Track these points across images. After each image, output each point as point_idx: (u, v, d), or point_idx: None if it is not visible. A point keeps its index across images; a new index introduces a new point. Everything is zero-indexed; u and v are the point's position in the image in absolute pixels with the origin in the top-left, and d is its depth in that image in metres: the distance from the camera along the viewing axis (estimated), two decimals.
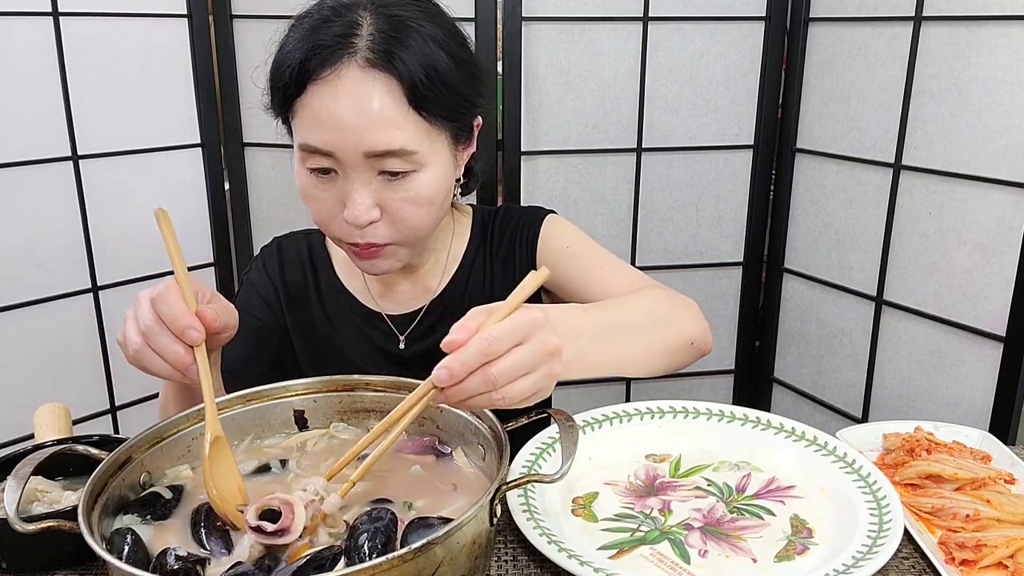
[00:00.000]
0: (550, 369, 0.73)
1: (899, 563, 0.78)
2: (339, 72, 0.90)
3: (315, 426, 0.86)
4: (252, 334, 1.10)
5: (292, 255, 1.17)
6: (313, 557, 0.63)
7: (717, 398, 2.05)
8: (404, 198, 0.95)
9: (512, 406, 0.73)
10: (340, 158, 0.92)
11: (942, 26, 1.56)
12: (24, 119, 1.59)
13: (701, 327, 1.04)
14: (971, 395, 1.62)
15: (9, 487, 0.66)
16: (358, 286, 1.15)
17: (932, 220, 1.63)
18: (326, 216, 0.98)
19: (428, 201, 0.97)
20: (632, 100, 1.85)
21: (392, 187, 0.94)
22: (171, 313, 0.76)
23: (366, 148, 0.91)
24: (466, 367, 0.69)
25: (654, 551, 0.77)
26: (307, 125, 0.93)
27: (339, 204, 0.96)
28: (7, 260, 1.61)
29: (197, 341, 0.77)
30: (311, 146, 0.93)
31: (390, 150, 0.91)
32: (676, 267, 1.98)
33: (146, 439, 0.77)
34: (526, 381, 0.71)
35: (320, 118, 0.91)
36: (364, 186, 0.94)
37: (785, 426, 0.95)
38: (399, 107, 0.91)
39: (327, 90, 0.90)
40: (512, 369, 0.70)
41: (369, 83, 0.90)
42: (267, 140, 1.84)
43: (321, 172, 0.95)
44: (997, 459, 0.93)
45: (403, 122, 0.91)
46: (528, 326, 0.71)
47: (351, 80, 0.90)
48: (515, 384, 0.71)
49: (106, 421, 1.80)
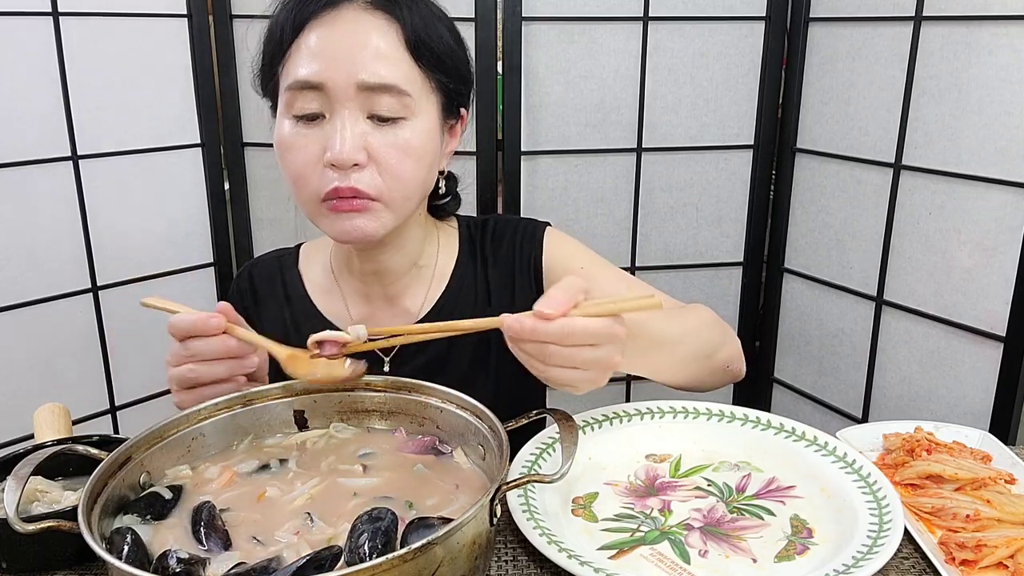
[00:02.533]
0: (593, 378, 0.78)
1: (899, 563, 0.78)
2: (339, 11, 0.91)
3: (315, 426, 0.86)
4: None
5: (265, 288, 1.13)
6: (313, 557, 0.63)
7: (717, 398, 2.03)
8: (393, 143, 0.91)
9: (547, 383, 0.79)
10: (331, 90, 0.89)
11: (942, 26, 1.56)
12: (24, 119, 1.59)
13: (738, 352, 1.08)
14: (971, 395, 1.62)
15: (9, 487, 0.66)
16: (336, 311, 1.09)
17: (932, 220, 1.63)
18: (304, 165, 0.91)
19: (417, 153, 0.93)
20: (632, 100, 1.85)
21: (381, 132, 0.91)
22: (191, 323, 0.82)
23: (360, 79, 0.89)
24: (536, 335, 0.74)
25: (654, 551, 0.77)
26: (299, 61, 0.91)
27: (321, 151, 0.90)
28: (7, 260, 1.61)
29: (221, 325, 0.82)
30: (302, 79, 0.90)
31: (384, 84, 0.90)
32: (676, 267, 1.98)
33: (146, 439, 0.77)
34: (572, 374, 0.77)
35: (314, 51, 0.90)
36: (353, 124, 0.90)
37: (785, 426, 0.95)
38: (397, 47, 0.91)
39: (324, 25, 0.90)
40: (569, 360, 0.75)
41: (369, 20, 0.91)
42: (267, 140, 1.83)
43: (307, 119, 0.91)
44: (997, 459, 0.93)
45: (399, 61, 0.91)
46: (608, 338, 0.76)
47: (351, 18, 0.90)
48: (566, 372, 0.76)
49: (106, 421, 1.80)
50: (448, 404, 0.82)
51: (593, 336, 0.75)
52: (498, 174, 1.85)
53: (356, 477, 0.78)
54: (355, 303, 1.10)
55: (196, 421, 0.81)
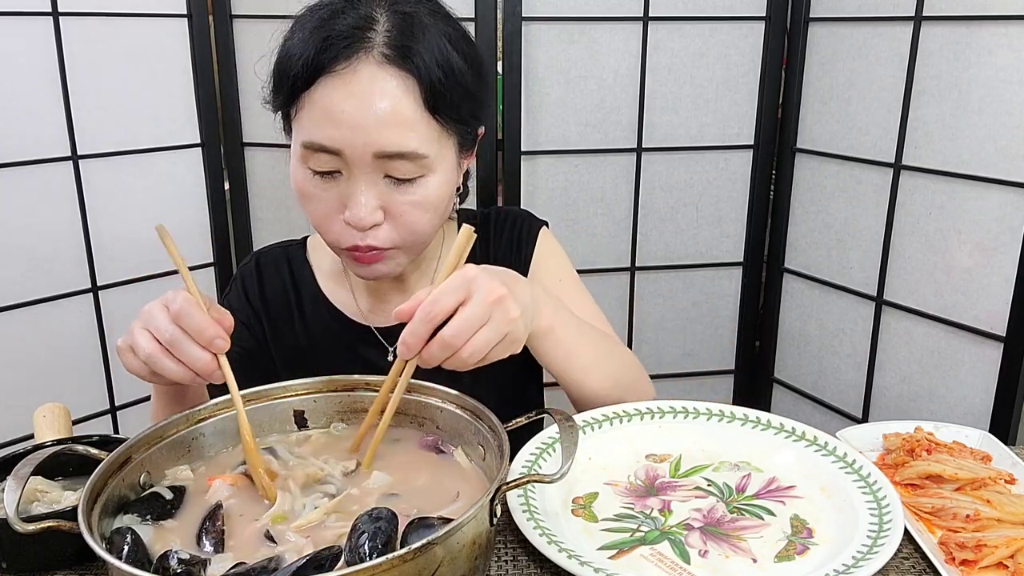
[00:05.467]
0: (505, 314, 0.76)
1: (899, 563, 0.78)
2: (355, 67, 0.86)
3: (315, 426, 0.86)
4: (237, 364, 1.09)
5: (272, 272, 1.13)
6: (313, 557, 0.63)
7: (717, 398, 2.05)
8: (410, 201, 0.92)
9: (491, 359, 0.77)
10: (348, 157, 0.88)
11: (942, 26, 1.56)
12: (24, 119, 1.59)
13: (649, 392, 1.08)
14: (971, 395, 1.62)
15: (9, 487, 0.66)
16: (344, 300, 1.11)
17: (932, 220, 1.63)
18: (325, 218, 0.94)
19: (434, 206, 0.94)
20: (632, 100, 1.85)
21: (399, 190, 0.91)
22: (198, 325, 0.76)
23: (377, 148, 0.88)
24: (418, 336, 0.74)
25: (654, 551, 0.77)
26: (314, 121, 0.89)
27: (340, 205, 0.92)
28: (7, 260, 1.61)
29: (224, 348, 0.77)
30: (317, 144, 0.89)
31: (402, 152, 0.88)
32: (676, 267, 1.98)
33: (146, 439, 0.77)
34: (485, 332, 0.75)
35: (330, 114, 0.87)
36: (370, 187, 0.90)
37: (785, 426, 0.95)
38: (414, 108, 0.88)
39: (340, 85, 0.87)
40: (464, 326, 0.74)
41: (386, 80, 0.87)
42: (267, 140, 1.84)
43: (324, 174, 0.91)
44: (997, 459, 0.93)
45: (416, 124, 0.89)
46: (462, 281, 0.75)
47: (367, 76, 0.86)
48: (476, 338, 0.75)
49: (106, 421, 1.80)
50: (448, 404, 0.82)
51: (452, 290, 0.74)
52: (498, 174, 1.85)
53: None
54: (362, 293, 1.11)
55: (196, 421, 0.81)
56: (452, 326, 0.74)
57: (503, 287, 0.76)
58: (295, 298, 1.11)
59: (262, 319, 1.11)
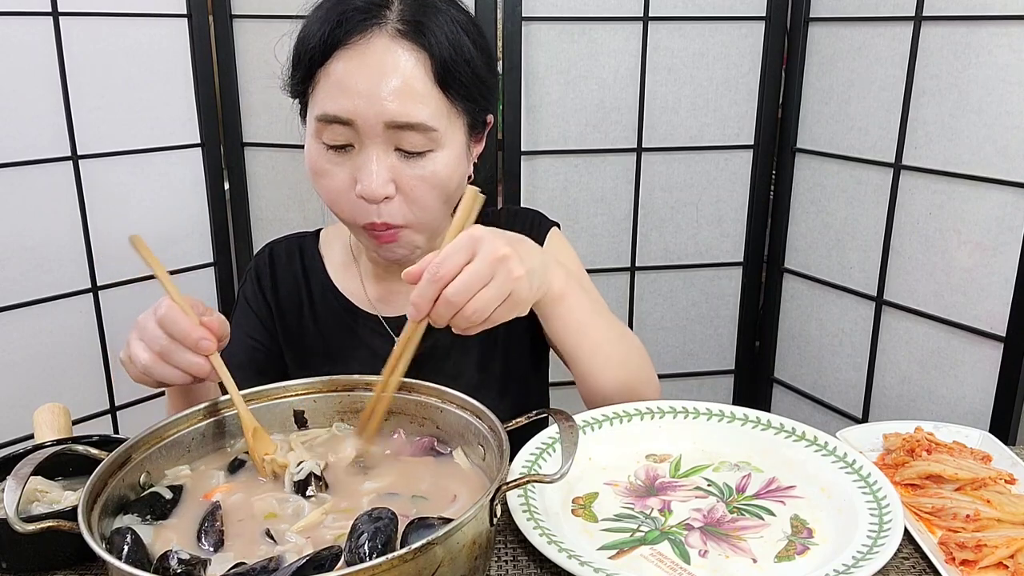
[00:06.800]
0: (508, 273, 0.77)
1: (899, 563, 0.78)
2: (368, 40, 0.90)
3: (315, 426, 0.86)
4: (252, 358, 1.11)
5: (284, 261, 1.16)
6: (313, 557, 0.63)
7: (717, 398, 2.05)
8: (420, 176, 0.94)
9: (496, 320, 0.78)
10: (360, 127, 0.91)
11: (942, 26, 1.56)
12: (24, 119, 1.59)
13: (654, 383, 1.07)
14: (971, 395, 1.62)
15: (9, 487, 0.66)
16: (353, 289, 1.13)
17: (932, 220, 1.63)
18: (338, 194, 0.96)
19: (443, 183, 0.96)
20: (632, 100, 1.85)
21: (408, 164, 0.94)
22: (181, 330, 0.79)
23: (388, 118, 0.90)
24: (426, 297, 0.74)
25: (654, 551, 0.77)
26: (329, 93, 0.92)
27: (352, 181, 0.94)
28: (7, 260, 1.61)
29: (211, 349, 0.80)
30: (331, 115, 0.91)
31: (411, 122, 0.91)
32: (676, 267, 1.98)
33: (146, 439, 0.77)
34: (489, 290, 0.76)
35: (344, 85, 0.90)
36: (381, 159, 0.92)
37: (785, 426, 0.95)
38: (425, 81, 0.91)
39: (354, 56, 0.90)
40: (468, 284, 0.75)
41: (399, 53, 0.90)
42: (267, 140, 1.84)
43: (336, 148, 0.94)
44: (997, 459, 0.93)
45: (427, 97, 0.92)
46: (469, 241, 0.76)
47: (380, 49, 0.90)
48: (479, 296, 0.75)
49: (106, 421, 1.80)
50: (448, 404, 0.82)
51: (458, 250, 0.75)
52: (498, 174, 1.85)
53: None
54: (371, 282, 1.13)
55: (196, 421, 0.81)
56: (455, 284, 0.74)
57: (507, 247, 0.77)
58: (305, 286, 1.14)
59: (272, 308, 1.14)
